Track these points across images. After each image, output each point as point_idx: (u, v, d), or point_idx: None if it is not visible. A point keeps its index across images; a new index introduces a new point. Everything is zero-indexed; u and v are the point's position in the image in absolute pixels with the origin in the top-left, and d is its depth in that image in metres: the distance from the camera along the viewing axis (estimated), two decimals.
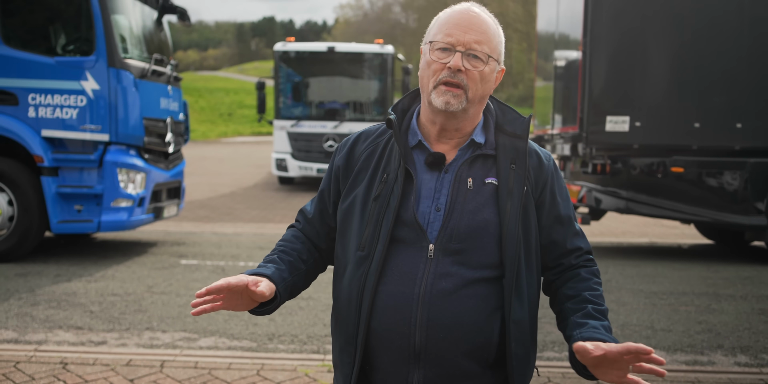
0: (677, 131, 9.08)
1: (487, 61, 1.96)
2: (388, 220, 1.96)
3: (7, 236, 8.31)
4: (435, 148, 2.04)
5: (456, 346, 1.93)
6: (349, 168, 2.10)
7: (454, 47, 1.94)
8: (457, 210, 1.96)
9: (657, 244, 11.03)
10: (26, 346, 5.35)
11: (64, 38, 8.80)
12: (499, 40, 2.00)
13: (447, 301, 1.92)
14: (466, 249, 1.94)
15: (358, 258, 1.99)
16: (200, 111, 55.12)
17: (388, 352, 1.96)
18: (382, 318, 1.95)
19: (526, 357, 2.02)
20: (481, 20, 1.97)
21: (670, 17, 9.09)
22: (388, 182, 2.00)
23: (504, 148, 2.03)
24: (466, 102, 1.96)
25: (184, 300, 6.82)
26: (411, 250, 1.96)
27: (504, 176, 1.99)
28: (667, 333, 6.05)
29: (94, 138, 8.24)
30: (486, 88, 2.00)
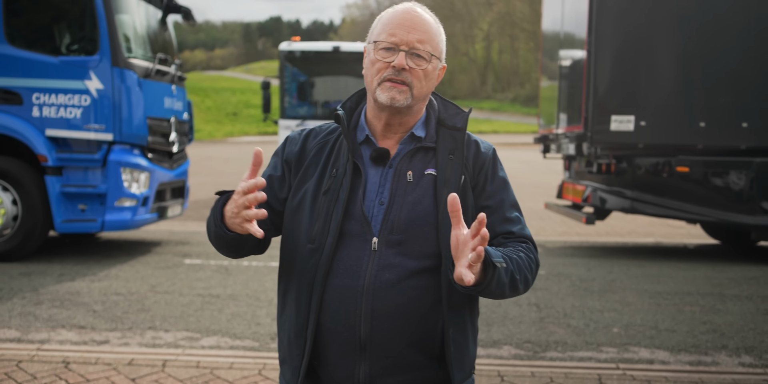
0: (683, 131, 9.04)
1: (429, 59, 2.02)
2: (337, 213, 2.01)
3: (11, 235, 8.33)
4: (381, 144, 2.10)
5: (401, 337, 1.98)
6: (300, 161, 2.14)
7: (398, 47, 2.00)
8: (397, 202, 2.02)
9: (662, 244, 10.99)
10: (29, 345, 5.35)
11: (68, 38, 8.81)
12: (440, 38, 2.07)
13: (391, 292, 1.96)
14: (407, 240, 2.00)
15: (309, 250, 2.03)
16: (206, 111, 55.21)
17: (335, 345, 2.01)
18: (329, 311, 2.00)
19: (465, 344, 2.06)
20: (423, 20, 2.04)
21: (675, 16, 9.06)
22: (338, 176, 2.05)
23: (444, 141, 2.09)
24: (411, 98, 2.03)
25: (188, 299, 6.82)
26: (356, 243, 2.01)
27: (442, 167, 2.04)
28: (671, 333, 6.02)
29: (98, 137, 8.25)
30: (429, 85, 2.07)
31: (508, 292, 1.95)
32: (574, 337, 5.86)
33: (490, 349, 5.49)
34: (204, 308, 6.52)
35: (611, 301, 7.06)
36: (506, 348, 5.54)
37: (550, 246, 10.54)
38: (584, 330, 6.06)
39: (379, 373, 1.99)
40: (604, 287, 7.70)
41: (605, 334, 5.96)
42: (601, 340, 5.80)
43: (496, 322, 6.25)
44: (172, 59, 9.79)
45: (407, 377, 2.02)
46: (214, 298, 6.90)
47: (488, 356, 5.33)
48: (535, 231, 11.90)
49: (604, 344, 5.68)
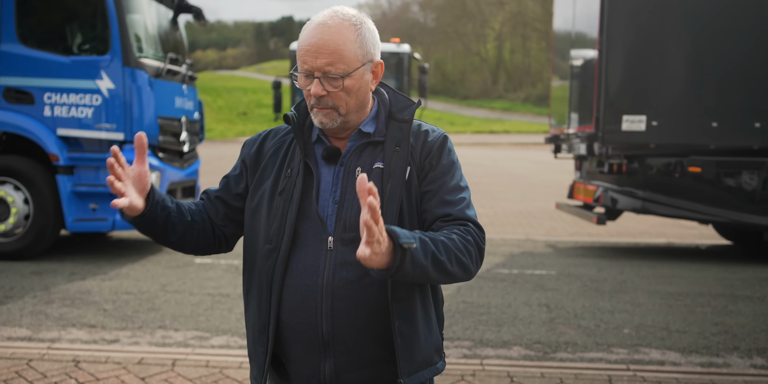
0: (695, 131, 8.99)
1: (348, 75, 2.00)
2: (291, 213, 2.04)
3: (23, 234, 8.36)
4: (333, 143, 2.13)
5: (362, 333, 2.02)
6: (257, 162, 2.18)
7: (312, 74, 2.00)
8: (348, 200, 2.04)
9: (674, 245, 10.93)
10: (39, 343, 5.37)
11: (80, 37, 8.84)
12: (357, 45, 2.01)
13: (349, 289, 2.00)
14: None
15: (267, 251, 2.08)
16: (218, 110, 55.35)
17: (300, 343, 2.05)
18: (290, 310, 2.04)
19: (414, 335, 2.04)
20: (330, 37, 1.98)
21: (687, 15, 9.01)
22: (292, 177, 2.08)
23: (392, 134, 2.09)
24: (340, 117, 2.04)
25: (198, 299, 6.83)
26: (313, 243, 2.04)
27: (389, 159, 2.04)
28: (683, 334, 5.98)
29: (109, 137, 8.28)
30: (359, 95, 2.06)
31: (434, 275, 1.89)
32: (584, 337, 5.83)
33: (499, 350, 5.47)
34: (214, 307, 6.53)
35: (622, 302, 7.03)
36: (516, 348, 5.52)
37: (561, 246, 10.51)
38: (595, 331, 6.03)
39: (344, 368, 2.03)
40: (615, 288, 7.67)
41: (616, 335, 5.94)
42: (612, 341, 5.77)
43: (506, 322, 6.23)
44: (183, 59, 9.82)
45: (371, 371, 2.06)
46: (224, 297, 6.91)
47: (498, 357, 5.32)
48: (546, 231, 11.87)
49: (614, 345, 5.65)
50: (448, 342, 5.62)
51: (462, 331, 5.92)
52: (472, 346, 5.56)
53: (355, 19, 2.03)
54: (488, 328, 6.03)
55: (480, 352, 5.41)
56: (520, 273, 8.35)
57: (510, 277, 8.07)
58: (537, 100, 65.50)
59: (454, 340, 5.68)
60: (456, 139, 43.70)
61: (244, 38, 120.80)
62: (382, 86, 2.21)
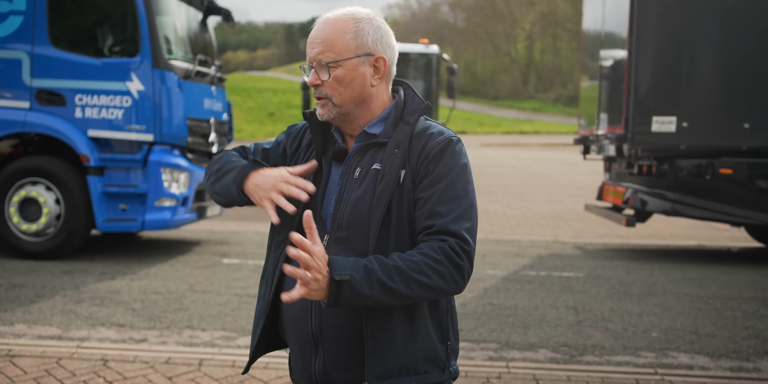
0: (726, 132, 8.88)
1: (335, 66, 2.03)
2: (300, 209, 2.08)
3: (54, 234, 8.47)
4: (345, 143, 2.17)
5: (347, 333, 2.03)
6: (293, 151, 2.25)
7: (311, 65, 2.07)
8: (344, 199, 2.07)
9: (705, 247, 10.81)
10: (69, 342, 5.44)
11: (110, 40, 8.94)
12: (349, 36, 2.04)
13: None
14: (350, 236, 2.04)
15: (277, 241, 2.16)
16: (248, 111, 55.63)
17: (295, 336, 2.12)
18: (289, 306, 2.11)
19: (389, 340, 2.00)
20: (324, 28, 2.06)
21: (718, 15, 8.90)
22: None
23: (396, 136, 2.09)
24: (335, 108, 2.07)
25: (225, 299, 6.88)
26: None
27: (386, 161, 2.05)
28: (712, 338, 5.91)
29: (139, 138, 8.36)
30: (353, 87, 2.07)
31: (388, 300, 1.91)
32: (611, 341, 5.78)
33: (525, 352, 5.45)
34: (241, 308, 6.57)
35: (651, 305, 6.96)
36: (542, 351, 5.49)
37: (589, 248, 10.44)
38: (622, 334, 5.98)
39: (333, 366, 2.06)
40: (644, 291, 7.60)
41: (644, 338, 5.88)
42: (640, 344, 5.72)
43: (533, 325, 6.19)
44: (212, 60, 9.89)
45: (359, 372, 2.04)
46: (252, 297, 6.94)
47: (524, 359, 5.29)
48: (575, 233, 11.79)
49: (642, 349, 5.60)
50: (473, 344, 5.61)
51: (488, 333, 5.90)
52: (498, 348, 5.54)
53: (358, 15, 2.07)
54: (514, 331, 6.00)
55: (506, 355, 5.39)
56: (547, 275, 8.31)
57: (537, 279, 8.02)
58: (567, 101, 65.05)
59: (480, 343, 5.66)
60: (485, 139, 43.54)
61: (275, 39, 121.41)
62: (403, 87, 2.21)
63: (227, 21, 10.30)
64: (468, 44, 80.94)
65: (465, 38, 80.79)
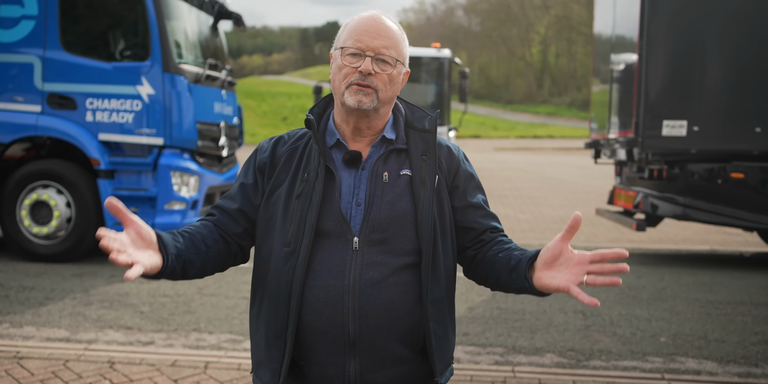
0: (737, 136, 8.83)
1: (395, 64, 2.11)
2: (311, 215, 2.06)
3: (65, 237, 8.52)
4: (351, 147, 2.17)
5: (388, 332, 2.05)
6: (272, 167, 2.20)
7: (364, 52, 2.08)
8: (376, 202, 2.09)
9: (717, 252, 10.74)
10: (77, 344, 5.47)
11: (121, 44, 8.99)
12: (404, 44, 2.16)
13: (376, 289, 2.04)
14: (388, 238, 2.08)
15: (285, 254, 2.08)
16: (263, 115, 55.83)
17: (324, 344, 2.06)
18: (314, 311, 2.05)
19: (445, 336, 2.15)
20: (388, 27, 2.12)
21: (729, 18, 8.85)
22: (309, 181, 2.11)
23: (415, 143, 2.18)
24: (377, 101, 2.09)
25: (233, 302, 6.89)
26: (337, 243, 2.07)
27: (417, 167, 2.14)
28: (721, 343, 5.87)
29: (149, 142, 8.40)
30: (394, 89, 2.14)
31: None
32: (619, 345, 5.76)
33: (532, 357, 5.43)
34: (248, 311, 6.56)
35: (660, 310, 6.93)
36: (549, 356, 5.47)
37: None
38: (630, 339, 5.95)
39: (369, 368, 2.06)
40: (653, 295, 7.56)
41: (652, 343, 5.85)
42: (648, 349, 5.69)
43: (540, 329, 6.17)
44: (223, 65, 9.93)
45: (395, 371, 2.09)
46: None
47: (530, 364, 5.27)
48: (586, 237, 11.75)
49: (650, 354, 5.57)
50: (480, 348, 5.60)
51: (495, 338, 5.88)
52: (504, 352, 5.53)
53: (400, 28, 2.18)
54: (521, 335, 5.98)
55: (512, 359, 5.37)
56: None
57: None
58: (582, 105, 64.88)
59: (487, 347, 5.65)
60: (499, 143, 43.48)
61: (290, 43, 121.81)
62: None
63: (238, 25, 10.34)
64: (482, 48, 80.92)
65: (479, 42, 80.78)
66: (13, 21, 8.45)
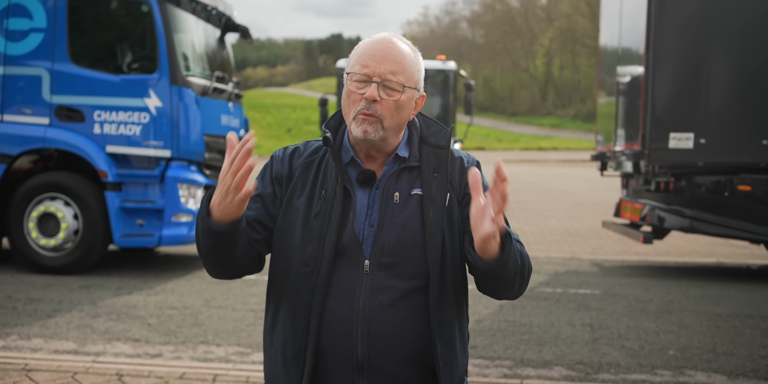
0: (744, 148, 8.82)
1: (402, 90, 2.04)
2: (331, 235, 2.04)
3: (72, 249, 8.53)
4: (366, 165, 2.13)
5: (397, 356, 2.03)
6: (288, 179, 2.16)
7: (371, 78, 2.02)
8: (386, 225, 2.05)
9: (724, 265, 10.71)
10: (85, 357, 5.47)
11: (129, 56, 9.05)
12: (416, 68, 2.09)
13: (386, 314, 2.02)
14: (398, 262, 2.04)
15: (304, 274, 2.06)
16: (267, 127, 55.93)
17: (333, 365, 2.04)
18: (326, 333, 2.04)
19: (453, 357, 2.11)
20: (397, 50, 2.06)
21: (736, 31, 8.87)
22: (327, 199, 2.07)
23: (427, 159, 2.13)
24: (382, 131, 2.04)
25: (240, 314, 6.89)
26: (349, 265, 2.04)
27: (428, 186, 2.08)
28: (730, 357, 5.85)
29: (157, 154, 8.42)
30: (403, 115, 2.08)
31: (516, 275, 2.02)
32: (627, 358, 5.74)
33: (540, 370, 5.41)
34: (256, 323, 6.57)
35: (668, 323, 6.91)
36: (557, 369, 5.45)
37: (607, 265, 10.37)
38: (639, 352, 5.93)
39: None
40: (661, 308, 7.54)
41: (660, 356, 5.83)
42: (656, 362, 5.67)
43: (548, 342, 6.16)
44: (230, 77, 9.96)
45: None
46: None
47: (538, 377, 5.26)
48: (592, 250, 11.73)
49: (658, 367, 5.55)
50: (488, 361, 5.58)
51: (503, 351, 5.87)
52: (512, 365, 5.51)
53: (415, 50, 2.12)
54: (530, 348, 5.97)
55: (520, 372, 5.36)
56: (564, 292, 8.26)
57: (554, 296, 7.98)
58: (586, 117, 64.87)
59: (495, 360, 5.63)
60: (504, 155, 43.47)
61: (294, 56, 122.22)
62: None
63: (245, 38, 10.38)
64: (487, 60, 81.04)
65: (484, 54, 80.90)
66: (21, 34, 8.50)
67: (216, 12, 9.67)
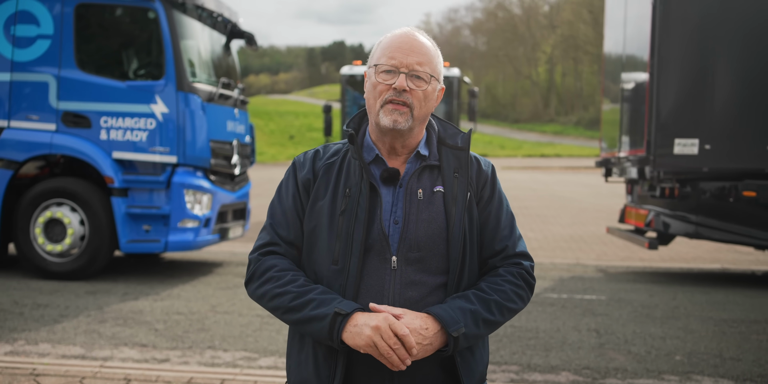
0: (749, 154, 8.83)
1: (429, 80, 2.09)
2: (359, 232, 2.06)
3: (78, 255, 8.55)
4: (389, 163, 2.16)
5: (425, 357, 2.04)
6: (313, 181, 2.18)
7: (398, 69, 2.07)
8: (412, 221, 2.08)
9: (729, 271, 10.71)
10: (92, 362, 5.47)
11: (136, 63, 9.08)
12: (438, 61, 2.15)
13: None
14: (425, 257, 2.07)
15: (333, 272, 2.08)
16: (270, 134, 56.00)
17: (362, 365, 2.06)
18: None
19: (470, 354, 2.13)
20: (421, 43, 2.12)
21: (740, 37, 8.88)
22: (352, 196, 2.09)
23: (447, 159, 2.17)
24: (412, 120, 2.08)
25: (247, 320, 6.90)
26: (376, 262, 2.07)
27: (449, 184, 2.12)
28: (737, 362, 5.85)
29: (163, 160, 8.45)
30: (429, 106, 2.13)
31: (488, 332, 2.10)
32: (634, 364, 5.74)
33: (547, 375, 5.41)
34: (262, 329, 6.58)
35: (674, 328, 6.90)
36: (564, 374, 5.46)
37: (611, 271, 10.37)
38: (645, 357, 5.93)
39: None
40: (667, 314, 7.54)
41: (667, 361, 5.83)
42: (663, 367, 5.67)
43: (555, 347, 6.16)
44: (235, 83, 9.99)
45: None
46: (273, 318, 6.96)
47: (546, 382, 5.26)
48: (597, 256, 11.73)
49: (665, 372, 5.55)
50: (495, 366, 5.58)
51: (509, 356, 5.87)
52: (519, 370, 5.52)
53: (435, 45, 2.18)
54: (536, 353, 5.97)
55: (527, 377, 5.36)
56: (569, 298, 8.26)
57: (559, 302, 7.98)
58: (588, 124, 64.95)
59: (501, 365, 5.63)
60: (506, 162, 43.51)
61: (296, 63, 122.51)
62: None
63: (250, 45, 10.42)
64: (489, 67, 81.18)
65: (486, 62, 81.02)
66: (29, 40, 8.54)
67: (222, 18, 9.71)
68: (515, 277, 2.14)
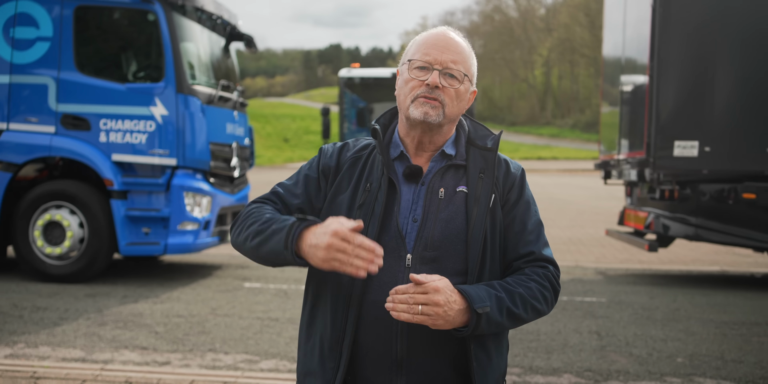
0: (748, 156, 8.84)
1: (462, 79, 2.08)
2: (373, 227, 2.05)
3: (77, 258, 8.52)
4: (414, 161, 2.15)
5: (436, 354, 2.04)
6: (336, 172, 2.18)
7: (432, 66, 2.06)
8: (430, 219, 2.06)
9: (728, 273, 10.71)
10: (93, 365, 5.45)
11: (135, 65, 9.07)
12: (472, 61, 2.14)
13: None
14: (440, 256, 2.05)
15: None
16: (267, 137, 55.98)
17: (371, 361, 2.04)
18: (365, 327, 2.04)
19: (487, 359, 2.09)
20: (456, 42, 2.11)
21: (740, 40, 8.90)
22: (372, 191, 2.08)
23: (474, 160, 2.14)
24: (443, 116, 2.07)
25: (247, 322, 6.88)
26: (390, 259, 2.04)
27: (473, 185, 2.10)
28: (738, 364, 5.85)
29: (162, 162, 8.43)
30: (460, 106, 2.12)
31: (509, 325, 2.05)
32: (636, 366, 5.73)
33: (549, 377, 5.40)
34: (263, 331, 6.57)
35: (675, 330, 6.90)
36: (566, 376, 5.45)
37: (611, 273, 10.37)
38: (647, 359, 5.92)
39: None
40: (667, 316, 7.54)
41: (669, 363, 5.82)
42: (665, 369, 5.66)
43: (556, 349, 6.15)
44: (235, 86, 9.99)
45: None
46: (273, 321, 6.95)
47: None
48: (596, 258, 11.73)
49: (667, 374, 5.55)
50: None
51: (511, 358, 5.86)
52: (521, 373, 5.51)
53: (470, 47, 2.17)
54: (538, 355, 5.96)
55: (529, 380, 5.35)
56: (569, 300, 8.26)
57: (560, 304, 7.97)
58: (585, 127, 65.00)
59: None
60: None
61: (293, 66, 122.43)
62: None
63: (249, 47, 10.42)
64: (485, 70, 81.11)
65: (482, 64, 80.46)
66: (28, 42, 8.52)
67: (221, 21, 9.71)
68: (542, 278, 2.11)
